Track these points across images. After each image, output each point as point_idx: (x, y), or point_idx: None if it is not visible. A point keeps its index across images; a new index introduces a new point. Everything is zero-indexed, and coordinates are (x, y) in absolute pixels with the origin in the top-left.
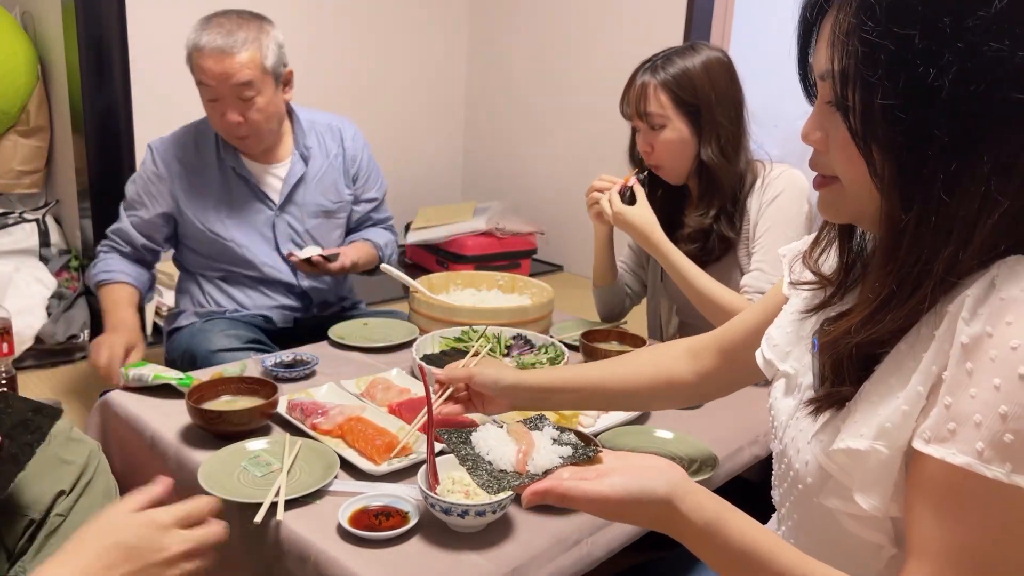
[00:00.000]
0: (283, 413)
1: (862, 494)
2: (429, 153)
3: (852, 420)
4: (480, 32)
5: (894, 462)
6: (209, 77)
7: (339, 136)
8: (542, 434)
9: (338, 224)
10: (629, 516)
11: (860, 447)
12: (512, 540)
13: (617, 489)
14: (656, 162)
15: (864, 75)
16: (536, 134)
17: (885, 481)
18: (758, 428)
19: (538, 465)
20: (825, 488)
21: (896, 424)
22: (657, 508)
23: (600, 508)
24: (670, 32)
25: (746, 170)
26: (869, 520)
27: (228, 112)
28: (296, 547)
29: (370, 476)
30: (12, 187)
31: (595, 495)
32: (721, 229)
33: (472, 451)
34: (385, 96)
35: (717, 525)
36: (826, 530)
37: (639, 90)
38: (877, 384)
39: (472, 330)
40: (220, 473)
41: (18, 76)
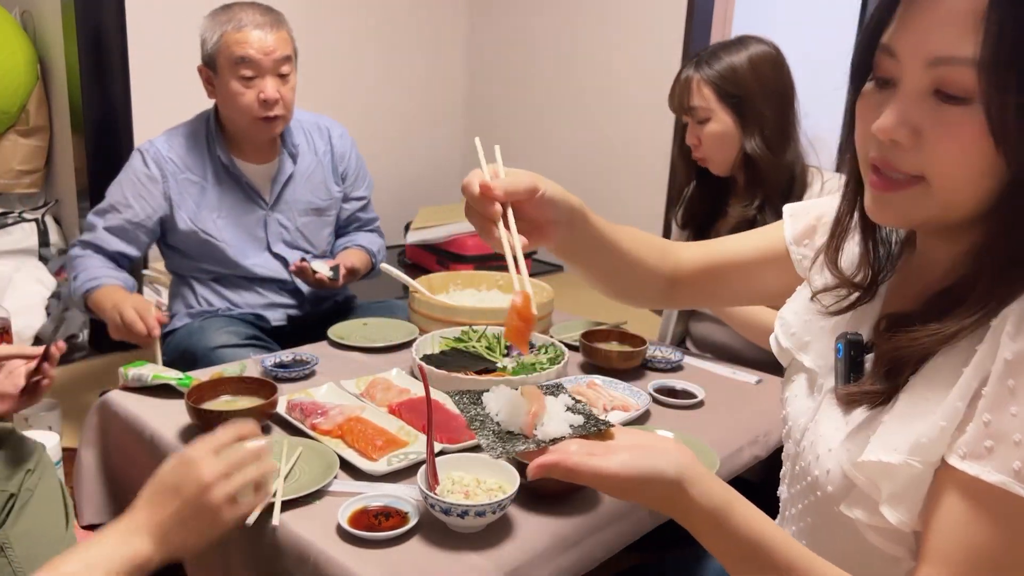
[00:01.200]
0: (283, 413)
1: (890, 508)
2: (429, 153)
3: (885, 431)
4: (480, 33)
5: (926, 477)
6: (255, 51)
7: (327, 134)
8: (556, 400)
9: (328, 222)
10: (636, 495)
11: (893, 461)
12: (512, 540)
13: (627, 467)
14: (703, 155)
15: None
16: (536, 134)
17: (914, 495)
18: (758, 428)
19: (547, 432)
20: (848, 498)
21: (932, 439)
22: (665, 489)
23: (607, 485)
24: (670, 32)
25: (795, 162)
26: (892, 533)
27: (268, 88)
28: (296, 547)
29: (370, 476)
30: (12, 187)
31: (604, 471)
32: (767, 221)
33: (482, 411)
34: (386, 97)
35: (725, 512)
36: (843, 539)
37: (684, 85)
38: (913, 395)
39: (472, 330)
40: None
41: (18, 76)
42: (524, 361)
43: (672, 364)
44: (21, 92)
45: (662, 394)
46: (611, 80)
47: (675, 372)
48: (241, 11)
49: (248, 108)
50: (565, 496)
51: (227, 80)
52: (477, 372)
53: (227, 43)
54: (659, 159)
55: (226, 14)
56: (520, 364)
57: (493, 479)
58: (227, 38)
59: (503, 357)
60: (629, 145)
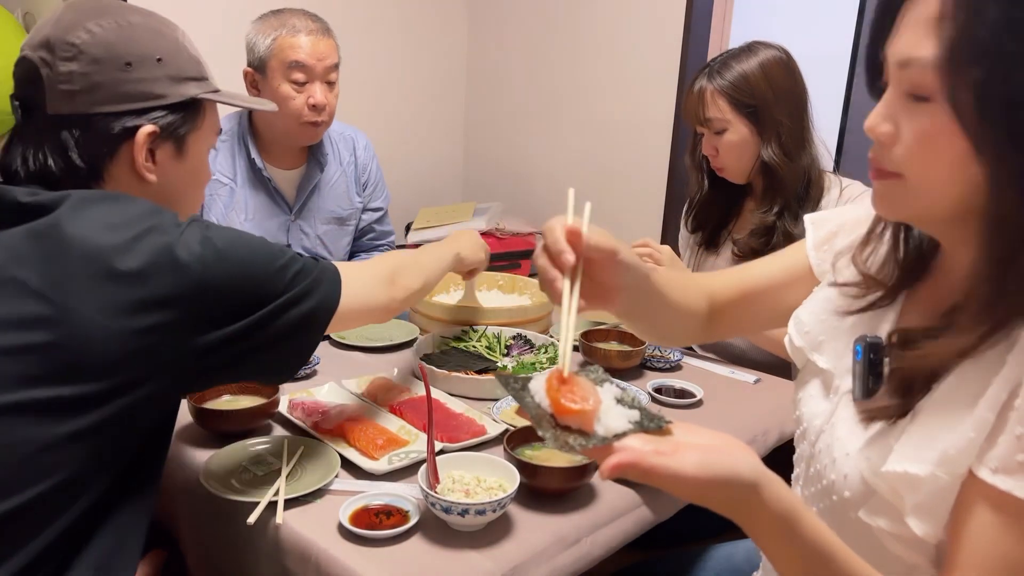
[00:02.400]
0: (284, 413)
1: (916, 519)
2: (429, 154)
3: (909, 442)
4: (480, 33)
5: (952, 489)
6: (308, 55)
7: (352, 145)
8: (604, 390)
9: (348, 231)
10: (707, 497)
11: (920, 473)
12: (512, 539)
13: (702, 468)
14: (721, 164)
15: (983, 63)
16: (536, 135)
17: (941, 508)
18: (758, 428)
19: (608, 427)
20: (868, 505)
21: (960, 451)
22: (740, 492)
23: (680, 487)
24: (670, 32)
25: (811, 166)
26: (915, 542)
27: (317, 93)
28: (297, 546)
29: (371, 475)
30: None
31: (680, 473)
32: (786, 226)
33: (533, 400)
34: (386, 97)
35: (794, 518)
36: (859, 544)
37: (697, 96)
38: (938, 405)
39: (472, 330)
40: (221, 472)
41: None
42: (524, 361)
43: (671, 364)
44: None
45: (661, 393)
46: (611, 80)
47: (674, 371)
48: (293, 17)
49: (298, 112)
50: (565, 495)
51: (277, 84)
52: (477, 372)
53: (281, 47)
54: (659, 158)
55: (278, 19)
56: (520, 364)
57: (493, 478)
58: (281, 42)
59: (503, 357)
60: (629, 145)
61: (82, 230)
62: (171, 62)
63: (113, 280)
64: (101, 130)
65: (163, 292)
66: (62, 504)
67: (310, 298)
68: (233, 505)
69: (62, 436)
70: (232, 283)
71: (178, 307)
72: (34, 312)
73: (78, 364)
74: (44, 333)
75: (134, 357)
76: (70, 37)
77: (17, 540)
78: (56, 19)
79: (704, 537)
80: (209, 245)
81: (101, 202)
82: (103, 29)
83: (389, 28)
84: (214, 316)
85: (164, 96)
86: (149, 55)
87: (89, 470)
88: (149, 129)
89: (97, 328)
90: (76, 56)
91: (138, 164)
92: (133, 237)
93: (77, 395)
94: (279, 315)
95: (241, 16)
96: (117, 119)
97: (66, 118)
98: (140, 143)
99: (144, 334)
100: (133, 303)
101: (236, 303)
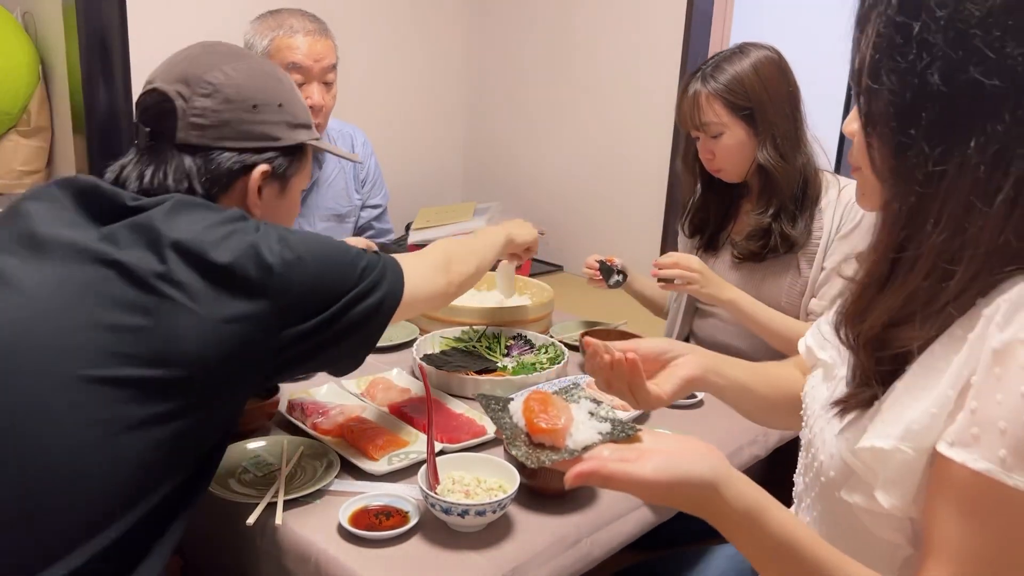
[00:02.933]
0: (284, 413)
1: (883, 492)
2: (429, 154)
3: (880, 419)
4: (480, 33)
5: (918, 463)
6: (306, 56)
7: (351, 141)
8: (579, 407)
9: (347, 229)
10: (670, 499)
11: (885, 446)
12: (512, 539)
13: (660, 472)
14: (718, 167)
15: (872, 63)
16: (536, 135)
17: (907, 481)
18: (758, 428)
19: (577, 441)
20: (848, 483)
21: (923, 426)
22: (700, 492)
23: (642, 491)
24: (670, 32)
25: (807, 165)
26: (888, 519)
27: (315, 94)
28: (297, 546)
29: (370, 476)
30: (13, 187)
31: (639, 478)
32: (782, 227)
33: (511, 420)
34: (386, 97)
35: (757, 514)
36: (846, 525)
37: (692, 101)
38: (908, 384)
39: (472, 330)
40: (221, 473)
41: (19, 77)
42: (524, 361)
43: None
44: (22, 93)
45: None
46: (611, 80)
47: None
48: (291, 17)
49: None
50: (565, 495)
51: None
52: (477, 372)
53: (278, 47)
54: (659, 158)
55: (275, 19)
56: (520, 364)
57: (493, 479)
58: (278, 43)
59: (503, 357)
60: (629, 145)
61: (179, 225)
62: (289, 109)
63: (205, 271)
64: (221, 163)
65: (250, 286)
66: (143, 490)
67: (378, 290)
68: (232, 506)
69: (148, 417)
70: (310, 279)
71: (264, 300)
72: (131, 297)
73: (168, 351)
74: (140, 318)
75: (221, 347)
76: (208, 76)
77: (100, 523)
78: (193, 57)
79: (705, 537)
80: (287, 244)
81: (196, 206)
82: (237, 72)
83: (389, 28)
84: (296, 310)
85: (280, 139)
86: (273, 100)
87: (169, 459)
88: (264, 168)
89: (189, 316)
90: (212, 94)
91: (250, 199)
92: (223, 236)
93: (164, 379)
94: (352, 307)
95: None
96: (238, 155)
97: (192, 147)
98: (255, 180)
99: (232, 324)
100: (223, 294)
101: (315, 298)
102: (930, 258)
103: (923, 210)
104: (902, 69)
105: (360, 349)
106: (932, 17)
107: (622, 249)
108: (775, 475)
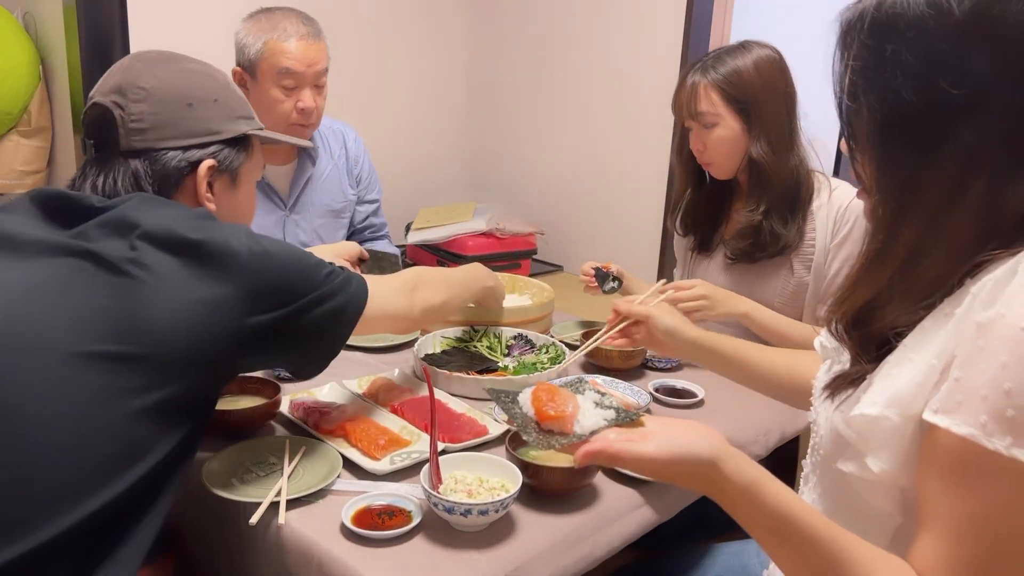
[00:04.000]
0: (286, 413)
1: (873, 458)
2: (430, 154)
3: (870, 390)
4: (480, 33)
5: (905, 429)
6: (299, 63)
7: (341, 138)
8: (584, 397)
9: (343, 224)
10: (673, 475)
11: (873, 412)
12: (514, 539)
13: (663, 450)
14: (708, 159)
15: (851, 85)
16: (537, 135)
17: (895, 446)
18: (758, 428)
19: (584, 426)
20: (844, 455)
21: (909, 394)
22: (701, 467)
23: (647, 468)
24: (670, 32)
25: (799, 166)
26: (879, 487)
27: (307, 98)
28: (300, 546)
29: (373, 475)
30: (14, 187)
31: (643, 455)
32: (772, 226)
33: (520, 410)
34: (386, 97)
35: (756, 487)
36: (841, 497)
37: (690, 90)
38: (898, 358)
39: (473, 330)
40: (223, 473)
41: (20, 77)
42: (525, 361)
43: (672, 363)
44: (23, 93)
45: (662, 393)
46: (611, 80)
47: (675, 371)
48: (285, 19)
49: (285, 116)
50: (568, 495)
51: (267, 88)
52: (479, 372)
53: (271, 52)
54: (659, 159)
55: (268, 21)
56: (521, 364)
57: (496, 478)
58: (272, 47)
59: (504, 357)
60: (629, 145)
61: (149, 216)
62: (225, 103)
63: (178, 250)
64: (168, 163)
65: (219, 267)
66: (120, 462)
67: (341, 295)
68: (235, 506)
69: (122, 390)
70: (276, 272)
71: (231, 286)
72: (103, 281)
73: (137, 328)
74: (111, 299)
75: (188, 327)
76: (140, 82)
77: (80, 495)
78: (125, 67)
79: (707, 537)
80: (253, 238)
81: (165, 203)
82: (168, 75)
83: (389, 28)
84: (261, 300)
85: (220, 132)
86: (208, 96)
87: (146, 434)
88: (209, 163)
89: (157, 296)
90: (145, 98)
91: (200, 193)
92: (194, 222)
93: (135, 355)
94: (315, 306)
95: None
96: (183, 152)
97: (137, 152)
98: (202, 175)
99: (200, 306)
100: (193, 275)
101: (280, 291)
102: (906, 248)
103: (903, 211)
104: (879, 88)
105: (321, 353)
106: (903, 39)
107: (622, 249)
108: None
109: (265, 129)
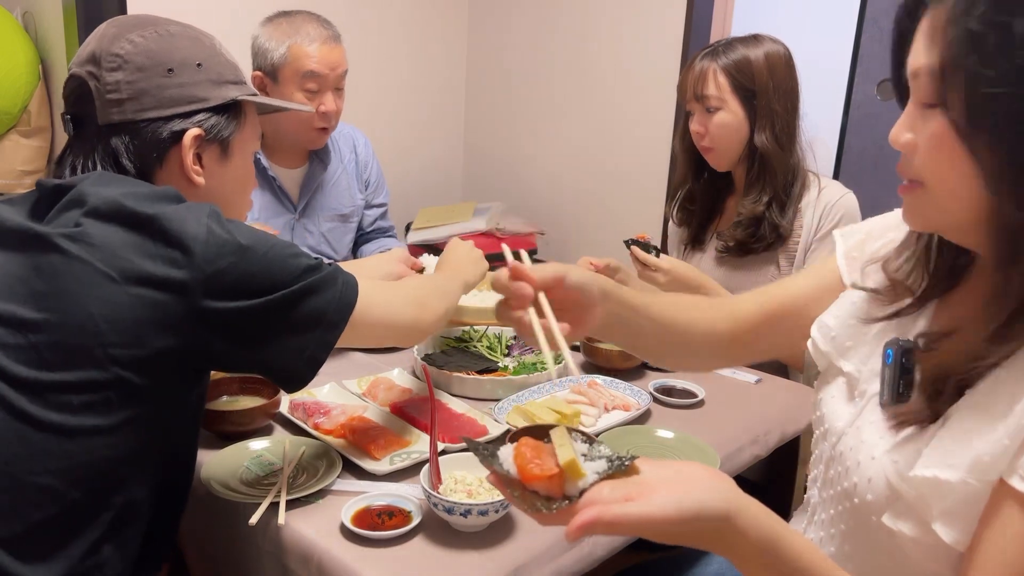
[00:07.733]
0: (285, 413)
1: (944, 526)
2: (430, 154)
3: (940, 446)
4: (480, 33)
5: (983, 496)
6: (323, 66)
7: (352, 143)
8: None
9: (351, 228)
10: (681, 535)
11: (951, 479)
12: (514, 539)
13: (669, 509)
14: (708, 144)
15: (968, 65)
16: (536, 135)
17: (970, 515)
18: (758, 428)
19: (576, 485)
20: (892, 509)
21: (994, 457)
22: (714, 525)
23: (651, 531)
24: (670, 32)
25: (798, 164)
26: (938, 549)
27: (329, 101)
28: (299, 546)
29: (373, 476)
30: (14, 187)
31: (646, 518)
32: (773, 217)
33: (502, 467)
34: (386, 97)
35: (773, 543)
36: (878, 549)
37: (698, 73)
38: (971, 410)
39: (473, 330)
40: (223, 473)
41: (19, 76)
42: (525, 361)
43: None
44: (23, 93)
45: (662, 393)
46: (611, 79)
47: (675, 372)
48: (306, 23)
49: (308, 119)
50: None
51: (290, 92)
52: (478, 372)
53: (296, 56)
54: (659, 158)
55: (290, 25)
56: (521, 364)
57: None
58: (296, 51)
59: (504, 357)
60: (629, 144)
61: (102, 192)
62: (210, 67)
63: (124, 222)
64: (150, 135)
65: (171, 249)
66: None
67: (324, 293)
68: (235, 506)
69: (69, 388)
70: (239, 259)
71: (185, 263)
72: (47, 261)
73: (69, 311)
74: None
75: (141, 308)
76: (114, 49)
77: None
78: (100, 35)
79: None
80: (218, 221)
81: (119, 180)
82: (145, 39)
83: (389, 28)
84: (220, 287)
85: (206, 99)
86: (189, 61)
87: (124, 442)
88: (195, 132)
89: (94, 275)
90: (121, 66)
91: (186, 166)
92: (150, 197)
93: (76, 345)
94: (293, 303)
95: (242, 17)
96: (164, 123)
97: (116, 126)
98: (187, 145)
99: (150, 285)
100: (143, 248)
101: (243, 278)
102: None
103: None
104: (1011, 68)
105: (302, 359)
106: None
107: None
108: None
109: (259, 95)
